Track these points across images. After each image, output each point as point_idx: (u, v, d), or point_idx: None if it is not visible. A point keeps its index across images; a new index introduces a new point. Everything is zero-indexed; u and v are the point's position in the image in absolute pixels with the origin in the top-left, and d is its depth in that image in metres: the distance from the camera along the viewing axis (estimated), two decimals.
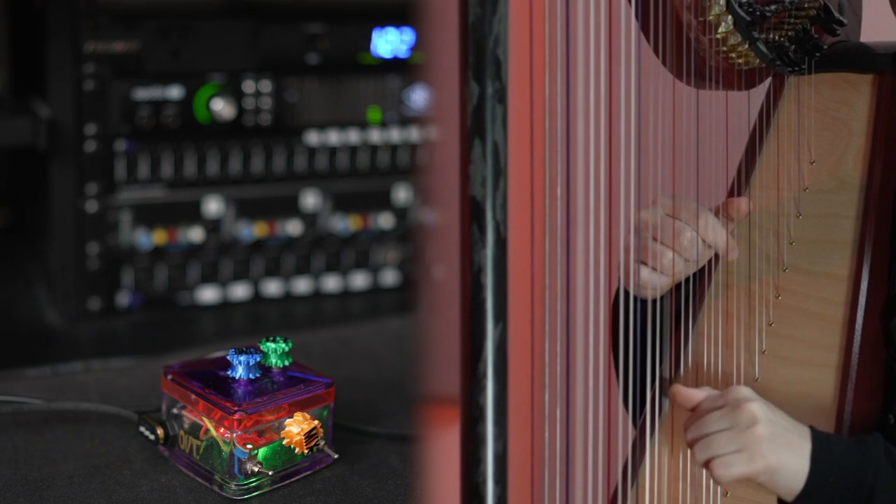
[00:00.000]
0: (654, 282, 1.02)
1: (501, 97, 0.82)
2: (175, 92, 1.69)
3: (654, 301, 1.03)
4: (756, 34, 1.03)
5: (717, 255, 1.05)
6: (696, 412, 0.96)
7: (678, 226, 1.01)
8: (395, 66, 1.80)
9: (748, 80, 1.07)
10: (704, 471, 0.97)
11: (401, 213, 1.83)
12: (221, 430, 1.14)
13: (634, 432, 1.03)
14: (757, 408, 0.94)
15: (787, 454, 0.93)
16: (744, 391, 0.95)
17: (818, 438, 0.94)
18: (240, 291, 1.77)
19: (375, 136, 1.80)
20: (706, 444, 0.94)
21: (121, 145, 1.67)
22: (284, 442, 1.16)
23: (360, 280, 1.83)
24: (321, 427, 1.18)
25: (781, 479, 0.93)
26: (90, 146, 1.66)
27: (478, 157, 0.82)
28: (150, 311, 1.72)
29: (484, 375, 0.83)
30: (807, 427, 0.95)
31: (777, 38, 1.05)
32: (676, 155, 0.98)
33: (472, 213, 0.83)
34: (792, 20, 1.04)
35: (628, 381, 1.01)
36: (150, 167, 1.69)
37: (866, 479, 0.93)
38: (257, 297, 1.78)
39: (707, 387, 0.98)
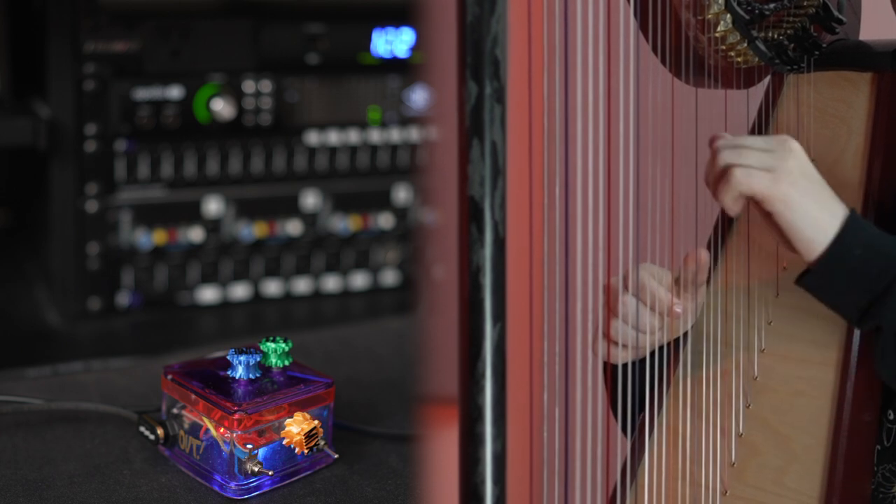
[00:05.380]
0: (614, 353, 1.02)
1: (500, 97, 0.82)
2: (175, 92, 1.69)
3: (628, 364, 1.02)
4: (755, 32, 1.03)
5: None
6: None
7: (620, 292, 1.00)
8: (395, 66, 1.80)
9: (747, 78, 1.07)
10: (703, 472, 0.97)
11: (401, 213, 1.83)
12: (221, 430, 1.14)
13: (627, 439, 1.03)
14: (799, 149, 0.92)
15: (813, 202, 0.91)
16: (793, 140, 0.93)
17: (854, 213, 0.92)
18: (240, 291, 1.77)
19: (375, 136, 1.80)
20: (737, 152, 0.92)
21: (121, 145, 1.67)
22: (284, 442, 1.16)
23: (360, 280, 1.83)
24: (321, 427, 1.18)
25: (798, 220, 0.91)
26: (90, 146, 1.66)
27: (476, 156, 0.82)
28: (150, 311, 1.72)
29: (482, 375, 0.83)
30: (846, 205, 0.93)
31: (776, 36, 1.05)
32: (675, 154, 0.98)
33: (470, 213, 0.82)
34: (791, 18, 1.04)
35: (617, 389, 1.01)
36: (150, 167, 1.69)
37: (891, 268, 0.91)
38: (257, 297, 1.78)
39: None
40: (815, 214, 0.92)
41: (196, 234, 1.72)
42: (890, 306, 0.91)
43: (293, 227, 1.77)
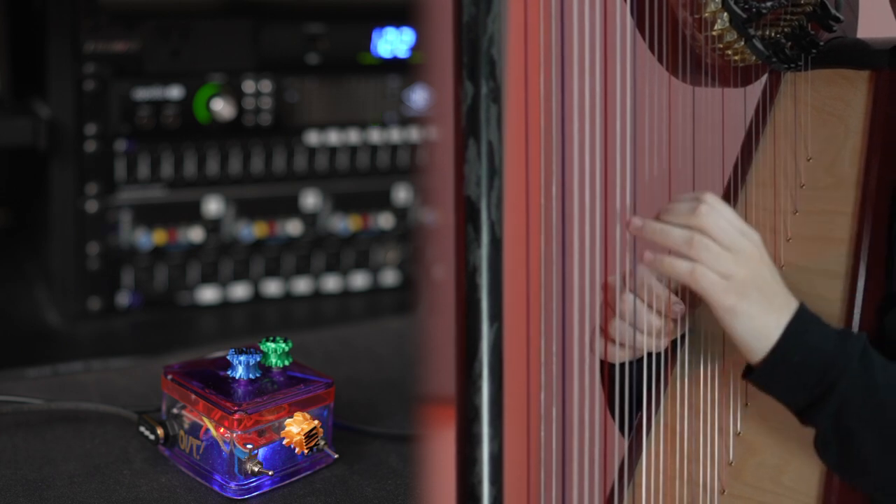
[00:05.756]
0: (612, 351, 1.02)
1: (496, 97, 0.82)
2: (175, 92, 1.69)
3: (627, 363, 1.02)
4: (752, 31, 1.03)
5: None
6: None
7: (619, 290, 1.00)
8: (395, 66, 1.80)
9: (744, 77, 1.07)
10: (701, 471, 0.97)
11: (401, 213, 1.83)
12: (221, 430, 1.14)
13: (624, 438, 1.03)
14: (759, 254, 0.93)
15: (759, 310, 0.92)
16: (757, 245, 0.94)
17: (799, 316, 0.93)
18: (240, 291, 1.77)
19: (375, 136, 1.80)
20: (706, 246, 0.92)
21: (121, 145, 1.67)
22: (284, 442, 1.16)
23: (360, 280, 1.83)
24: (321, 427, 1.18)
25: (741, 328, 0.92)
26: (90, 146, 1.66)
27: (472, 156, 0.82)
28: (150, 311, 1.72)
29: (479, 376, 0.83)
30: (797, 302, 0.94)
31: (773, 34, 1.05)
32: (672, 153, 0.98)
33: (467, 213, 0.83)
34: (788, 17, 1.04)
35: (614, 389, 1.01)
36: (150, 167, 1.69)
37: (830, 373, 0.92)
38: (257, 297, 1.78)
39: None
40: (758, 324, 0.93)
41: (196, 234, 1.72)
42: (826, 411, 0.92)
43: (293, 227, 1.77)
